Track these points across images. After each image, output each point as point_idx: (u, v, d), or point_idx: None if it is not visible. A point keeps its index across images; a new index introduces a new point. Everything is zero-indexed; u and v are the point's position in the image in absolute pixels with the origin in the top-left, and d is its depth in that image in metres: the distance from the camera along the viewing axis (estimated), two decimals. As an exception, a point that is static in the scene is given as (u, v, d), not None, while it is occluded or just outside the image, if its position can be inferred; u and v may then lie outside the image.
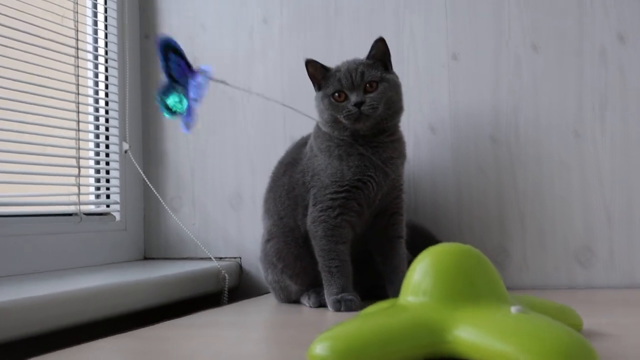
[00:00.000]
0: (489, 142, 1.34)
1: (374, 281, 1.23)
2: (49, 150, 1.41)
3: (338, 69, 1.15)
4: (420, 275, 0.77)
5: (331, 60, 1.44)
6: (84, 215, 1.42)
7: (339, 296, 1.12)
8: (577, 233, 1.28)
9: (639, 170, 1.24)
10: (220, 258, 1.53)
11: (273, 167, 1.46)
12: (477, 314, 0.70)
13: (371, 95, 1.11)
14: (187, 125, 1.01)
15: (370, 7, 1.44)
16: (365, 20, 1.45)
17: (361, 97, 1.10)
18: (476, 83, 1.36)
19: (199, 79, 0.99)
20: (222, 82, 1.05)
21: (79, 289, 1.10)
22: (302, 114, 1.16)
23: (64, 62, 1.41)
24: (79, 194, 1.41)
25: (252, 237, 1.52)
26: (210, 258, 1.52)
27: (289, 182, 1.21)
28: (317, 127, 1.20)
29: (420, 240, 1.27)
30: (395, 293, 1.14)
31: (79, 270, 1.37)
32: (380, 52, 1.15)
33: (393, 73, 1.16)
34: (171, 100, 1.00)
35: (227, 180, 1.56)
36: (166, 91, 1.00)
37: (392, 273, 1.18)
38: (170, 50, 0.99)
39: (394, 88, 1.14)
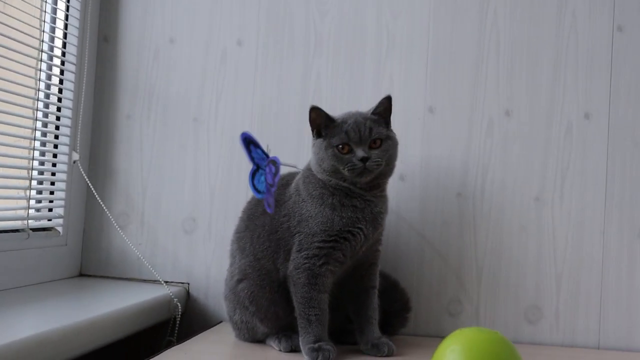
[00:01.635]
0: (455, 197, 1.39)
1: (341, 326, 1.25)
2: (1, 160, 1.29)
3: (344, 121, 1.14)
4: (451, 359, 0.79)
5: (305, 95, 1.45)
6: (31, 231, 1.32)
7: (316, 345, 1.12)
8: (528, 292, 1.36)
9: (590, 241, 1.35)
10: (167, 282, 1.48)
11: (236, 196, 1.46)
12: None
13: (376, 151, 1.13)
14: (268, 204, 1.16)
15: (351, 47, 1.45)
16: (344, 60, 1.45)
17: (367, 153, 1.12)
18: (449, 138, 1.40)
19: (271, 167, 1.17)
20: (293, 166, 1.24)
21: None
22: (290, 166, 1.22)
23: (26, 65, 1.30)
24: (28, 207, 1.31)
25: (204, 263, 1.49)
26: (159, 281, 1.46)
27: (270, 224, 1.19)
28: (309, 173, 1.19)
29: (385, 285, 1.30)
30: (367, 345, 1.18)
31: (14, 294, 1.24)
32: (384, 109, 1.17)
33: (392, 130, 1.18)
34: (257, 182, 1.21)
35: (183, 202, 1.50)
36: (254, 175, 1.21)
37: (366, 323, 1.20)
38: (251, 143, 1.22)
39: (395, 146, 1.17)
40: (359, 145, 1.12)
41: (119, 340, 1.22)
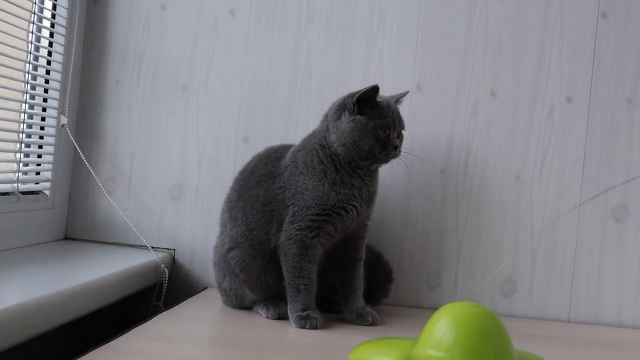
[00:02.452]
0: (438, 173, 1.44)
1: (327, 295, 1.29)
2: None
3: (388, 106, 1.19)
4: (442, 331, 0.83)
5: (295, 68, 1.47)
6: (20, 195, 1.32)
7: (304, 313, 1.16)
8: (504, 267, 1.42)
9: (565, 220, 1.41)
10: (153, 247, 1.50)
11: (224, 165, 1.49)
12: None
13: (399, 140, 1.20)
14: None
15: (342, 22, 1.47)
16: (335, 35, 1.47)
17: (398, 142, 1.19)
18: (435, 116, 1.44)
19: None
20: None
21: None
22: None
23: (17, 26, 1.29)
24: (18, 171, 1.31)
25: (190, 230, 1.51)
26: (145, 246, 1.48)
27: (264, 195, 1.22)
28: (314, 145, 1.20)
29: (369, 257, 1.34)
30: (352, 314, 1.22)
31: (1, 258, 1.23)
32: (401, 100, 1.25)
33: None
34: None
35: (170, 170, 1.51)
36: None
37: (351, 293, 1.24)
38: None
39: None
40: (393, 132, 1.19)
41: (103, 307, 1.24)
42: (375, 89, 1.16)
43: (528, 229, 1.42)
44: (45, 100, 1.43)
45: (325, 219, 1.17)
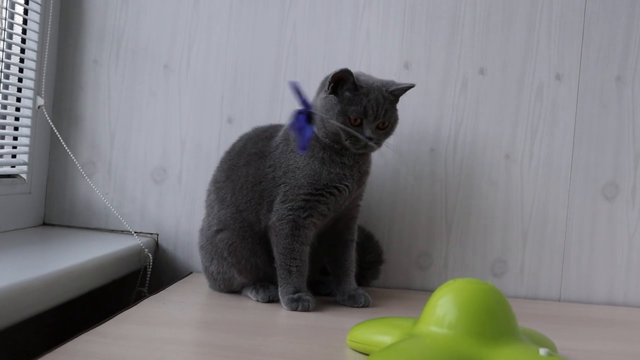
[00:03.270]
0: (428, 152, 1.41)
1: (317, 277, 1.26)
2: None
3: (366, 93, 1.12)
4: (445, 308, 0.81)
5: (280, 47, 1.43)
6: (-3, 178, 1.27)
7: (296, 295, 1.13)
8: (495, 246, 1.41)
9: (555, 199, 1.40)
10: (136, 232, 1.45)
11: (207, 147, 1.44)
12: (505, 352, 0.76)
13: (381, 131, 1.15)
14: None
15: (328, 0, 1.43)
16: (321, 13, 1.43)
17: (373, 133, 1.12)
18: (424, 95, 1.41)
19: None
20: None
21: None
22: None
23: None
24: (-7, 153, 1.26)
25: (173, 214, 1.47)
26: (127, 231, 1.44)
27: (254, 175, 1.18)
28: None
29: (359, 237, 1.31)
30: (344, 296, 1.20)
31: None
32: (403, 93, 1.18)
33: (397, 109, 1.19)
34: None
35: (152, 153, 1.46)
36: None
37: (343, 275, 1.21)
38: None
39: (396, 127, 1.19)
40: (370, 123, 1.13)
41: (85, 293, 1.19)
42: (345, 71, 1.11)
43: (518, 208, 1.40)
44: (20, 80, 1.37)
45: (318, 198, 1.14)
